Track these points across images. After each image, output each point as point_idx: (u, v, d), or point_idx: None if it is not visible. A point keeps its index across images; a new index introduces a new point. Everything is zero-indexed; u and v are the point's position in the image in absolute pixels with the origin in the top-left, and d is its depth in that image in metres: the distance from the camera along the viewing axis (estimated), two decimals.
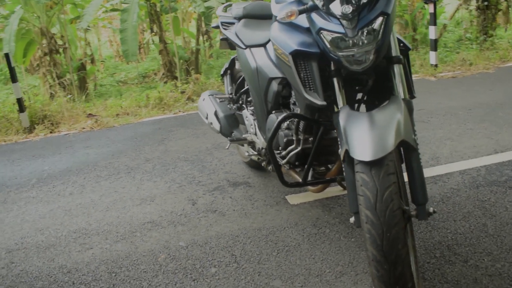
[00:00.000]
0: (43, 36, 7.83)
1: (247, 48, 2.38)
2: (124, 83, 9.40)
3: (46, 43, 7.88)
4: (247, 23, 2.55)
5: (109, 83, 9.31)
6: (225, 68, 2.97)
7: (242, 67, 2.48)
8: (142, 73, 9.22)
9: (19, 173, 3.66)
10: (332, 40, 1.52)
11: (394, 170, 1.37)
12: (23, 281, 2.02)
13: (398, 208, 1.33)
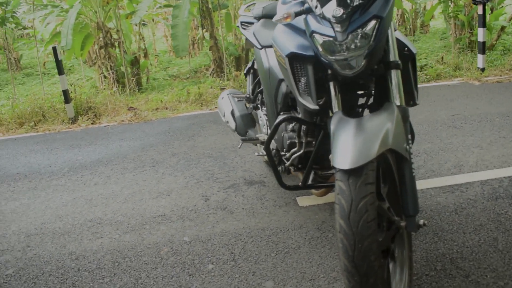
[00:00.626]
0: (99, 30, 8.20)
1: (262, 48, 2.38)
2: (176, 77, 9.65)
3: (102, 37, 8.25)
4: (265, 23, 2.55)
5: (162, 77, 9.58)
6: (248, 67, 2.99)
7: (258, 67, 2.49)
8: (194, 68, 9.38)
9: (54, 162, 3.86)
10: (323, 44, 1.50)
11: (373, 180, 1.33)
12: (34, 264, 2.14)
13: (373, 219, 1.28)
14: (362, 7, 1.46)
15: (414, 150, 3.09)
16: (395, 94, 1.55)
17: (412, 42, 1.93)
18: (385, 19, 1.46)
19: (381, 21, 1.45)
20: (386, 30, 1.50)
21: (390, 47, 1.56)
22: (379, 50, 1.50)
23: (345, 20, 1.45)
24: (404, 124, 1.51)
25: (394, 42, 1.58)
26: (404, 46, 1.72)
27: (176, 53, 7.91)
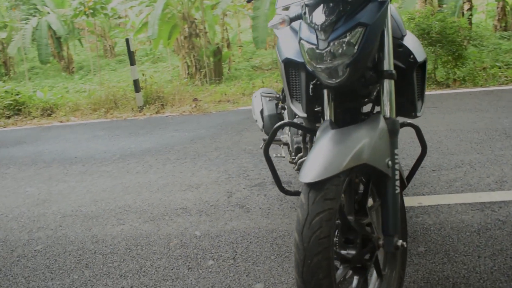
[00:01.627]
0: (184, 20, 8.60)
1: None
2: (258, 68, 9.83)
3: (187, 27, 8.65)
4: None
5: (244, 68, 9.81)
6: None
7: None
8: (276, 59, 9.47)
9: (109, 149, 4.15)
10: (307, 51, 1.45)
11: (334, 196, 1.26)
12: (60, 243, 2.34)
13: (326, 236, 1.23)
14: (348, 14, 1.39)
15: (458, 160, 2.89)
16: (385, 105, 1.46)
17: (423, 48, 1.80)
18: (372, 27, 1.37)
19: (367, 29, 1.37)
20: (374, 38, 1.40)
21: (385, 55, 1.47)
22: (364, 59, 1.41)
23: (328, 27, 1.39)
24: (391, 137, 1.42)
25: (390, 50, 1.48)
26: (409, 53, 1.62)
27: (255, 45, 8.05)
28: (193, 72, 8.85)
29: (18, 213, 2.77)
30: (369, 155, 1.32)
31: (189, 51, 8.92)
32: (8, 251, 2.30)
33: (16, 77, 13.37)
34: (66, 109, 6.61)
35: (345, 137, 1.37)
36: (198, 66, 8.82)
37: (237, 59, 10.56)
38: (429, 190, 2.50)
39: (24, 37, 11.22)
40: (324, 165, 1.28)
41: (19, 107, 6.69)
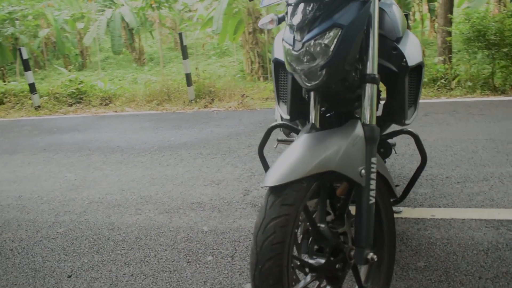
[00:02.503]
0: (249, 16, 8.74)
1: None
2: None
3: (251, 22, 8.79)
4: None
5: None
6: None
7: None
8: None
9: (150, 140, 4.34)
10: (286, 52, 1.44)
11: (294, 202, 1.26)
12: (80, 228, 2.51)
13: (280, 242, 1.23)
14: (325, 15, 1.35)
15: (488, 172, 2.72)
16: (365, 110, 1.41)
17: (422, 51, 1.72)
18: (348, 28, 1.32)
19: (343, 30, 1.33)
20: (351, 40, 1.35)
21: (368, 57, 1.42)
22: (341, 61, 1.36)
23: (304, 28, 1.36)
24: (368, 145, 1.38)
25: (375, 52, 1.42)
26: (403, 56, 1.56)
27: None
28: (256, 68, 8.95)
29: (52, 197, 3.00)
30: (338, 162, 1.29)
31: (253, 46, 9.03)
32: (34, 231, 2.51)
33: (91, 66, 14.27)
34: (123, 100, 6.96)
35: (316, 142, 1.35)
36: (261, 62, 8.90)
37: None
38: (447, 203, 2.39)
39: (99, 28, 11.92)
40: (288, 170, 1.27)
41: (81, 96, 7.15)
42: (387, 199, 1.59)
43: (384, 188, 1.57)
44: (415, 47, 1.62)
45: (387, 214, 1.60)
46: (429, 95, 5.34)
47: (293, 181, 1.25)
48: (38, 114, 6.59)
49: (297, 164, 1.28)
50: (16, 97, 7.24)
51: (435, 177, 2.72)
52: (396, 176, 2.79)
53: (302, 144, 1.36)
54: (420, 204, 2.39)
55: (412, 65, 1.55)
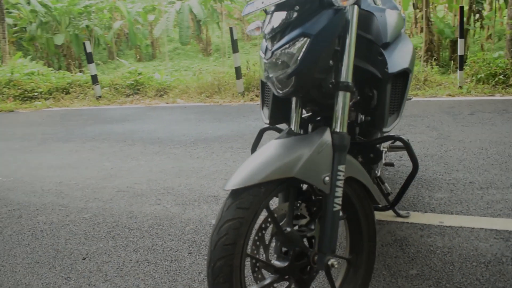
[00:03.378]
0: None
1: None
2: None
3: None
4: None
5: None
6: None
7: None
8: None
9: (189, 132, 4.51)
10: (260, 61, 1.48)
11: (249, 206, 1.29)
12: (104, 214, 2.70)
13: (232, 244, 1.26)
14: (295, 24, 1.37)
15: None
16: (336, 118, 1.41)
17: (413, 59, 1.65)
18: (316, 37, 1.33)
19: (311, 40, 1.34)
20: (320, 49, 1.35)
21: (343, 65, 1.41)
22: (309, 70, 1.37)
23: (275, 37, 1.40)
24: (336, 153, 1.38)
25: (350, 60, 1.41)
26: (384, 64, 1.53)
27: None
28: None
29: (87, 184, 3.24)
30: (299, 169, 1.31)
31: None
32: (64, 215, 2.74)
33: (161, 56, 14.92)
34: (176, 92, 7.24)
35: (282, 148, 1.37)
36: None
37: None
38: (461, 209, 2.28)
39: (168, 20, 12.42)
40: (247, 174, 1.30)
41: (139, 87, 7.53)
42: (367, 206, 1.58)
43: (364, 195, 1.56)
44: (403, 53, 1.58)
45: (367, 221, 1.59)
46: (482, 92, 5.03)
47: (251, 185, 1.28)
48: (98, 104, 7.04)
49: (257, 169, 1.31)
50: (80, 87, 7.78)
51: (458, 182, 2.60)
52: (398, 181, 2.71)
53: (268, 150, 1.39)
54: (432, 209, 2.31)
55: (393, 72, 1.51)
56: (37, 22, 13.26)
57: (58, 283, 2.02)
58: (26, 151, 4.38)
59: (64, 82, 7.89)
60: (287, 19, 1.39)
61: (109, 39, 14.10)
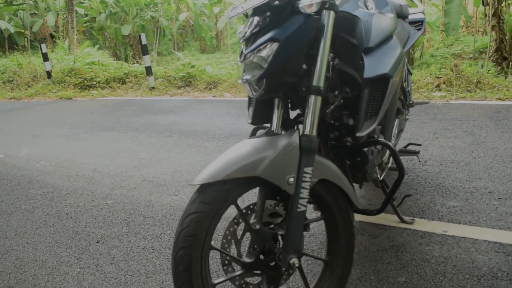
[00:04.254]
0: None
1: None
2: (457, 56, 9.14)
3: None
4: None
5: (441, 54, 9.17)
6: None
7: None
8: (479, 47, 8.60)
9: (226, 127, 4.61)
10: (236, 64, 1.52)
11: (211, 201, 1.34)
12: (125, 201, 2.87)
13: (192, 235, 1.32)
14: (268, 28, 1.41)
15: None
16: (306, 121, 1.43)
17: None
18: (284, 42, 1.36)
19: (279, 45, 1.37)
20: (288, 53, 1.37)
21: (316, 69, 1.42)
22: (279, 73, 1.40)
23: (248, 40, 1.44)
24: (304, 155, 1.39)
25: (323, 65, 1.41)
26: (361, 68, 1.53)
27: (445, 31, 7.44)
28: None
29: (117, 172, 3.44)
30: (263, 169, 1.34)
31: None
32: (89, 200, 2.94)
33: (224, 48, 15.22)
34: (225, 85, 7.38)
35: (251, 147, 1.41)
36: None
37: (436, 45, 9.76)
38: (470, 219, 2.18)
39: None
40: (213, 171, 1.36)
41: (190, 80, 7.76)
42: (345, 210, 1.58)
43: (341, 199, 1.56)
44: (385, 59, 1.56)
45: (344, 224, 1.59)
46: None
47: (215, 182, 1.34)
48: (150, 95, 7.36)
49: (223, 166, 1.37)
50: (136, 78, 8.17)
51: (477, 190, 2.49)
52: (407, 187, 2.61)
53: (238, 148, 1.43)
54: (440, 217, 2.23)
55: (368, 77, 1.50)
56: (106, 12, 14.00)
57: (70, 262, 2.20)
58: (73, 138, 4.71)
59: (121, 72, 8.32)
60: (261, 24, 1.43)
61: (174, 30, 14.57)
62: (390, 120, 2.05)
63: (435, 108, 4.46)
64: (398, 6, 2.37)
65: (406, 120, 2.68)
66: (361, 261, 1.94)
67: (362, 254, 2.00)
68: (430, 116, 4.15)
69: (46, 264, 2.20)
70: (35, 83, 9.01)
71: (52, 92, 8.33)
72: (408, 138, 3.46)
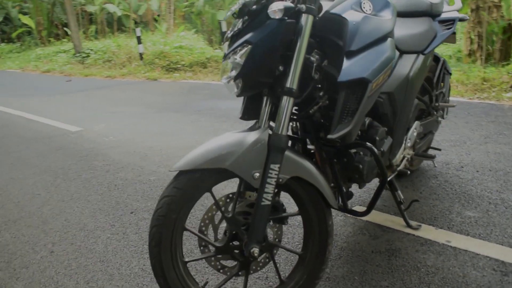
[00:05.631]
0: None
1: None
2: None
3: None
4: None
5: None
6: None
7: None
8: None
9: None
10: None
11: (183, 187, 1.49)
12: (164, 179, 3.14)
13: (163, 215, 1.47)
14: (244, 32, 1.50)
15: None
16: (278, 120, 1.51)
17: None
18: (256, 45, 1.44)
19: (252, 47, 1.46)
20: (261, 55, 1.45)
21: (290, 71, 1.50)
22: (253, 74, 1.49)
23: (230, 42, 1.55)
24: (271, 152, 1.48)
25: (298, 67, 1.48)
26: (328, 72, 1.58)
27: None
28: (475, 49, 8.15)
29: (168, 152, 3.75)
30: (232, 162, 1.47)
31: (474, 26, 8.22)
32: (136, 175, 3.27)
33: None
34: None
35: (225, 140, 1.54)
36: (481, 43, 8.05)
37: None
38: (481, 232, 2.10)
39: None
40: (188, 160, 1.52)
41: None
42: (319, 208, 1.65)
43: (316, 197, 1.64)
44: (366, 62, 1.57)
45: (318, 221, 1.67)
46: None
47: (188, 170, 1.50)
48: None
49: (197, 156, 1.52)
50: (216, 63, 8.54)
51: (503, 203, 2.36)
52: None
53: (217, 140, 1.57)
54: (450, 226, 2.18)
55: (342, 81, 1.53)
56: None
57: (104, 227, 2.52)
58: (143, 117, 5.15)
59: (203, 57, 8.75)
60: (240, 27, 1.54)
61: None
62: (401, 123, 2.04)
63: (500, 110, 4.16)
64: (428, 4, 2.30)
65: (438, 122, 2.60)
66: (351, 260, 1.99)
67: (355, 253, 2.04)
68: (490, 118, 3.89)
69: (86, 227, 2.54)
70: (129, 64, 9.81)
71: (142, 73, 9.03)
72: (454, 140, 3.31)
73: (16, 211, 2.86)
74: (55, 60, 12.46)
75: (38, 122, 5.42)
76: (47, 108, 6.24)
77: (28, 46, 17.19)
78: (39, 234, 2.53)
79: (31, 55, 14.44)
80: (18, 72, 12.07)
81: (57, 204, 2.91)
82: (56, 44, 16.05)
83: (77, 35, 12.48)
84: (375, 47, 1.64)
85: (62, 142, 4.38)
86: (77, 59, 11.86)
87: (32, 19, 17.06)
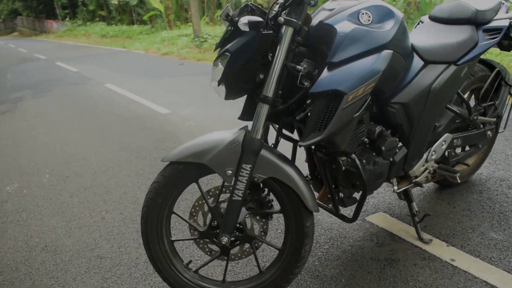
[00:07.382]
0: None
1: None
2: None
3: None
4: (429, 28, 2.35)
5: None
6: None
7: None
8: None
9: None
10: None
11: (168, 175, 1.69)
12: None
13: (152, 198, 1.68)
14: (229, 40, 1.63)
15: None
16: (253, 124, 1.64)
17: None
18: (233, 54, 1.57)
19: (230, 56, 1.59)
20: (239, 64, 1.58)
21: (267, 80, 1.60)
22: (232, 80, 1.62)
23: (220, 50, 1.70)
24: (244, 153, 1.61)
25: (275, 76, 1.58)
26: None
27: None
28: None
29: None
30: (210, 158, 1.65)
31: None
32: None
33: None
34: None
35: (210, 137, 1.71)
36: None
37: None
38: (493, 256, 1.97)
39: None
40: (176, 153, 1.73)
41: None
42: (297, 209, 1.75)
43: (295, 199, 1.74)
44: (343, 74, 1.59)
45: (296, 222, 1.77)
46: None
47: (173, 161, 1.72)
48: None
49: (183, 150, 1.73)
50: None
51: None
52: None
53: (204, 137, 1.75)
54: (465, 245, 2.07)
55: (312, 92, 1.58)
56: None
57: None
58: (225, 104, 5.44)
59: None
60: (226, 36, 1.69)
61: (398, 7, 14.19)
62: (420, 134, 2.00)
63: None
64: (473, 12, 2.18)
65: (488, 136, 2.43)
66: (346, 263, 2.03)
67: (354, 257, 2.07)
68: None
69: (137, 201, 2.92)
70: None
71: None
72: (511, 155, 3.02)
73: (89, 180, 3.37)
74: (176, 43, 13.49)
75: (137, 102, 6.09)
76: (150, 90, 6.93)
77: (157, 29, 18.79)
78: (99, 202, 2.97)
79: (157, 38, 15.81)
80: (141, 53, 13.36)
81: (123, 178, 3.35)
82: (181, 27, 17.28)
83: (197, 20, 13.22)
84: (362, 59, 1.65)
85: (150, 123, 4.91)
86: (195, 43, 12.65)
87: (162, 3, 18.57)
